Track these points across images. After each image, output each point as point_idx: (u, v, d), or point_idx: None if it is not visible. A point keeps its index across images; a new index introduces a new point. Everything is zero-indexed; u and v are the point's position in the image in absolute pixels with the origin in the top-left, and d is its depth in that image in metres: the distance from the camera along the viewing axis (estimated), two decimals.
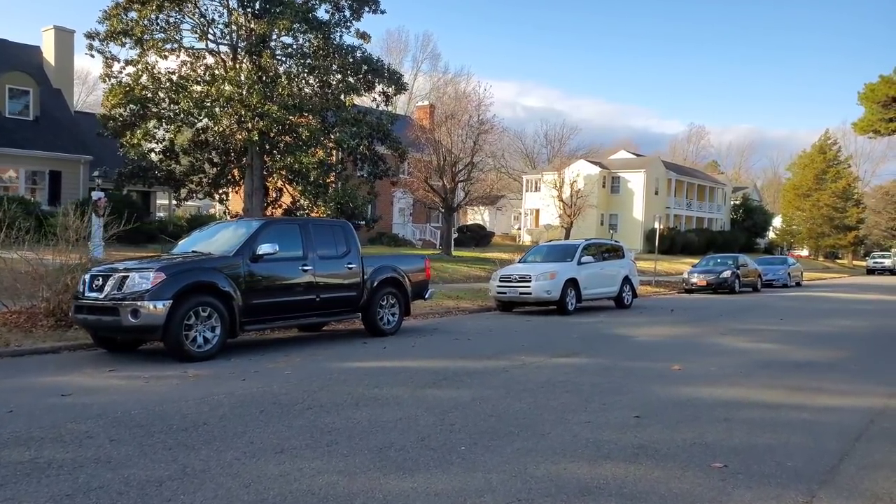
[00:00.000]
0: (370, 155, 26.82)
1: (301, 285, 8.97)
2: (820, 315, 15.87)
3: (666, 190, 55.80)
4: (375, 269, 10.17)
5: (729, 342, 10.54)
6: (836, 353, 9.68)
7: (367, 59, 25.07)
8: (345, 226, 10.12)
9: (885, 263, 53.38)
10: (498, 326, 12.20)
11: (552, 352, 8.97)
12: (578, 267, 15.35)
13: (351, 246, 9.84)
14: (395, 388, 6.40)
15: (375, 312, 10.05)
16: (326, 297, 9.30)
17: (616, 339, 10.52)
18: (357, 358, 8.18)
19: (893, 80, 30.31)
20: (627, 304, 16.71)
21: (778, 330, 12.47)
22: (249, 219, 9.11)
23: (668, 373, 7.71)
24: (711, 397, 6.49)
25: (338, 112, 24.13)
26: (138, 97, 22.71)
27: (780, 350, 9.82)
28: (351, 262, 9.73)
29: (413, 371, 7.28)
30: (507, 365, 7.83)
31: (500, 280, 15.26)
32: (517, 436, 4.95)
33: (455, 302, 16.13)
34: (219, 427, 4.92)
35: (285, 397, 5.89)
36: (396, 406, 5.68)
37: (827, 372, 8.11)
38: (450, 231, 33.76)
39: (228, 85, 22.91)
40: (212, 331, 7.83)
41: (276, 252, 8.39)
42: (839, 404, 6.42)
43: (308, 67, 23.99)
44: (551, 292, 14.53)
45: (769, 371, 8.01)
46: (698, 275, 24.78)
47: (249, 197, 26.08)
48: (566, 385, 6.79)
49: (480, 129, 32.38)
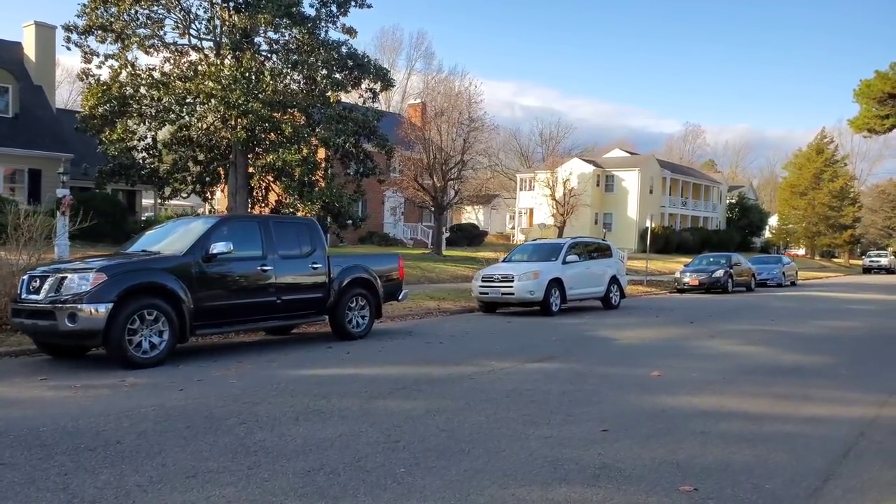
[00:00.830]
0: (357, 153, 26.30)
1: (260, 286, 8.46)
2: (813, 315, 15.40)
3: (661, 189, 55.33)
4: (343, 270, 9.66)
5: (715, 345, 10.06)
6: (826, 357, 9.20)
7: (352, 54, 24.56)
8: (310, 224, 9.61)
9: (881, 262, 52.99)
10: (476, 328, 11.70)
11: (526, 356, 8.48)
12: (563, 266, 14.85)
13: (316, 245, 9.33)
14: (345, 398, 5.90)
15: (343, 315, 9.54)
16: (288, 299, 8.79)
17: (597, 342, 10.03)
18: (315, 364, 7.67)
19: (889, 76, 29.88)
20: (615, 304, 16.22)
21: (768, 331, 12.00)
22: (206, 216, 8.56)
23: (646, 380, 7.22)
24: (689, 407, 6.00)
25: (323, 109, 23.60)
26: (116, 94, 22.16)
27: (768, 354, 9.34)
28: (316, 262, 9.22)
29: (370, 379, 6.77)
30: (474, 371, 7.34)
31: (483, 280, 14.76)
32: (467, 454, 4.45)
33: (437, 302, 15.63)
34: (133, 446, 4.42)
35: (220, 410, 5.38)
36: (340, 420, 5.18)
37: (815, 378, 7.63)
38: (440, 230, 33.26)
39: (210, 81, 22.38)
40: (159, 335, 7.32)
41: (230, 251, 7.87)
42: (827, 415, 5.94)
43: (292, 63, 23.45)
44: (534, 293, 14.03)
45: (754, 377, 7.52)
46: (690, 274, 24.31)
47: (233, 195, 25.57)
48: (533, 394, 6.29)
49: (471, 127, 31.90)
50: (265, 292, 8.50)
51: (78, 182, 28.21)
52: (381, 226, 42.58)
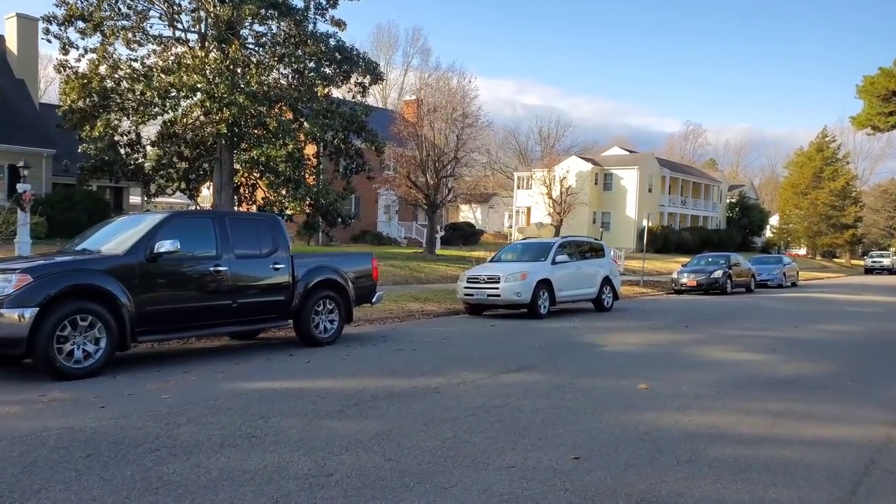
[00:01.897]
0: (346, 149, 25.61)
1: (213, 289, 7.77)
2: (813, 319, 14.71)
3: (660, 187, 54.61)
4: (310, 270, 8.97)
5: (710, 352, 9.37)
6: (829, 366, 8.52)
7: (340, 47, 23.86)
8: (272, 221, 8.91)
9: (883, 262, 52.26)
10: (457, 333, 11.01)
11: (503, 366, 7.79)
12: (552, 267, 14.16)
13: (279, 243, 8.63)
14: (286, 418, 5.22)
15: (309, 319, 8.85)
16: (246, 303, 8.10)
17: (583, 349, 9.34)
18: (268, 375, 6.98)
19: (893, 73, 29.21)
20: (608, 306, 15.53)
21: (766, 336, 11.31)
22: (156, 212, 7.88)
23: (632, 393, 6.54)
24: (677, 428, 5.32)
25: (309, 103, 22.89)
26: (96, 88, 21.46)
27: (766, 362, 8.65)
28: (278, 262, 8.53)
29: (322, 394, 6.08)
30: (442, 384, 6.65)
31: (468, 281, 14.07)
32: (410, 491, 3.78)
33: (421, 304, 14.94)
34: (10, 482, 3.74)
35: (137, 433, 4.70)
36: (272, 446, 4.50)
37: (818, 391, 6.95)
38: (433, 229, 32.54)
39: (194, 74, 21.69)
40: (94, 343, 6.64)
41: (177, 250, 7.18)
42: (831, 437, 5.25)
43: (278, 55, 22.74)
44: (521, 294, 13.34)
45: (750, 390, 6.84)
46: (688, 275, 23.61)
47: (218, 192, 24.87)
48: (502, 411, 5.61)
49: (464, 123, 31.19)
50: (219, 295, 7.81)
51: (60, 178, 27.59)
52: (375, 224, 41.89)
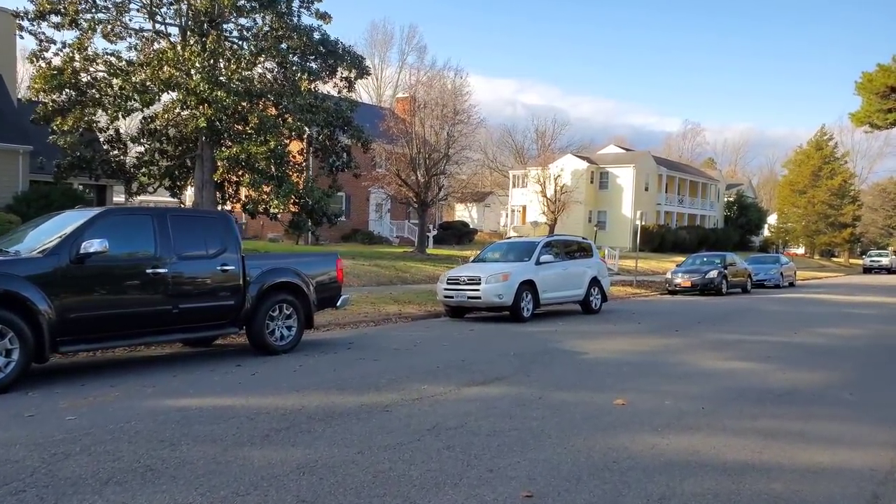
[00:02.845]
0: (331, 145, 24.89)
1: (150, 293, 7.05)
2: (811, 321, 14.03)
3: (656, 186, 53.93)
4: (264, 272, 8.27)
5: (699, 360, 8.69)
6: (827, 376, 7.84)
7: (325, 40, 23.13)
8: (221, 219, 8.19)
9: (882, 262, 51.62)
10: (430, 339, 10.31)
11: (469, 377, 7.10)
12: (537, 267, 13.46)
13: (228, 243, 7.92)
14: (201, 445, 4.52)
15: (263, 325, 8.15)
16: (189, 308, 7.40)
17: (561, 357, 8.65)
18: (201, 391, 6.27)
19: (892, 69, 28.48)
20: (596, 308, 14.84)
21: (761, 342, 10.63)
22: (89, 209, 7.18)
23: (607, 410, 5.85)
24: (652, 454, 4.64)
25: (293, 98, 22.17)
26: (69, 81, 20.73)
27: (759, 372, 7.96)
28: (227, 264, 7.82)
29: (254, 414, 5.38)
30: (395, 400, 5.95)
31: (448, 282, 13.36)
32: None
33: (400, 307, 14.24)
34: None
35: (10, 468, 3.99)
36: (168, 484, 3.80)
37: (814, 405, 6.26)
38: (423, 228, 31.85)
39: (170, 67, 20.98)
40: (6, 355, 5.95)
41: (105, 250, 6.48)
42: (829, 464, 4.57)
43: (258, 48, 22.00)
44: (503, 296, 12.65)
45: (740, 405, 6.15)
46: (682, 275, 22.91)
47: (200, 190, 24.16)
48: (455, 435, 4.92)
49: (455, 120, 30.49)
50: (157, 300, 7.10)
51: (39, 176, 26.84)
52: (366, 223, 41.20)
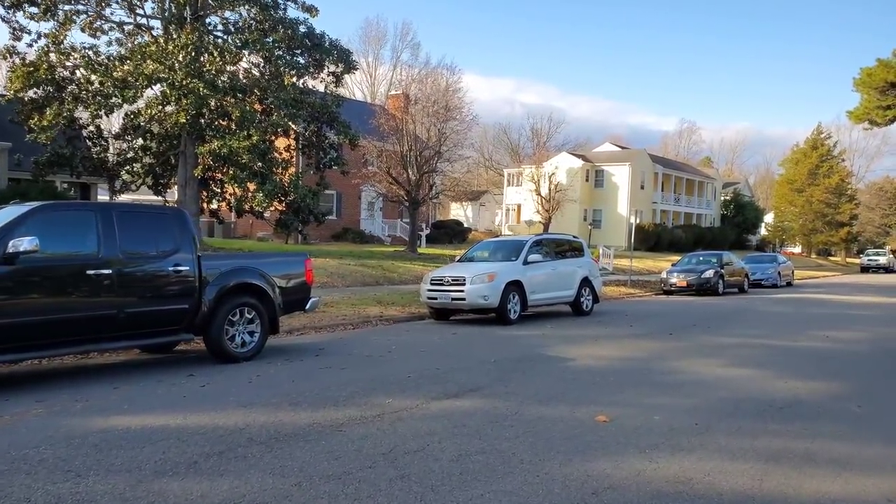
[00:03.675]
0: (317, 141, 24.26)
1: (91, 296, 6.42)
2: (811, 323, 13.45)
3: (652, 184, 53.38)
4: (224, 274, 7.64)
5: (693, 368, 8.09)
6: (831, 385, 7.26)
7: (310, 33, 22.50)
8: (175, 215, 7.53)
9: (879, 261, 51.11)
10: (407, 344, 9.69)
11: (441, 389, 6.48)
12: (524, 267, 12.85)
13: (183, 242, 7.29)
14: (112, 475, 3.89)
15: (221, 331, 7.51)
16: (136, 312, 6.77)
17: (544, 365, 8.04)
18: (138, 407, 5.62)
19: (892, 64, 27.95)
20: (587, 310, 14.23)
21: (759, 346, 10.04)
22: (24, 204, 6.54)
23: (590, 427, 5.25)
24: (637, 482, 4.04)
25: (277, 92, 21.53)
26: (45, 77, 20.06)
27: (758, 380, 7.37)
28: (180, 264, 7.19)
29: (187, 435, 4.75)
30: (353, 418, 5.34)
31: (431, 283, 12.74)
32: None
33: (382, 308, 13.61)
34: None
35: None
36: None
37: (819, 420, 5.67)
38: (414, 226, 31.24)
39: (151, 62, 20.33)
40: None
41: (36, 249, 5.85)
42: (839, 493, 3.97)
43: (242, 41, 21.35)
44: (488, 298, 12.03)
45: (737, 421, 5.56)
46: (678, 274, 22.33)
47: (183, 188, 23.50)
48: (413, 461, 4.30)
49: (446, 116, 29.86)
50: (100, 304, 6.47)
51: (19, 174, 26.17)
52: (358, 222, 40.55)
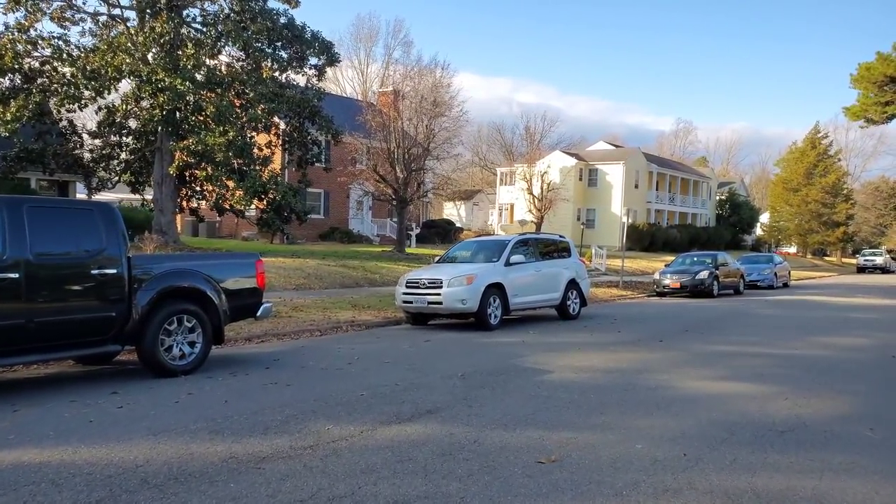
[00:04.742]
0: (299, 137, 23.42)
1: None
2: (810, 328, 12.69)
3: (647, 183, 52.65)
4: (159, 277, 6.80)
5: (682, 382, 7.30)
6: (837, 401, 6.48)
7: (290, 24, 21.64)
8: (101, 210, 6.66)
9: (876, 261, 50.49)
10: (372, 353, 8.87)
11: (396, 410, 5.67)
12: (506, 269, 12.04)
13: (109, 241, 6.45)
14: None
15: (156, 341, 6.68)
16: (50, 322, 5.94)
17: (519, 378, 7.23)
18: (25, 436, 4.71)
19: (892, 58, 27.27)
20: (574, 314, 13.43)
21: (755, 354, 9.26)
22: None
23: (541, 469, 4.44)
24: None
25: (255, 86, 20.68)
26: (9, 65, 19.16)
27: (756, 397, 6.58)
28: (105, 266, 6.36)
29: (67, 475, 3.92)
30: (281, 449, 4.52)
31: (407, 285, 11.92)
32: None
33: (356, 313, 12.78)
34: None
35: None
36: None
37: (828, 448, 4.88)
38: (402, 226, 30.41)
39: (123, 53, 19.47)
40: None
41: None
42: None
43: (219, 32, 20.49)
44: (467, 302, 11.22)
45: (733, 450, 4.77)
46: (671, 275, 21.55)
47: (159, 186, 22.64)
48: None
49: (434, 113, 29.03)
50: (5, 312, 5.64)
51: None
52: (346, 221, 39.67)
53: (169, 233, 22.16)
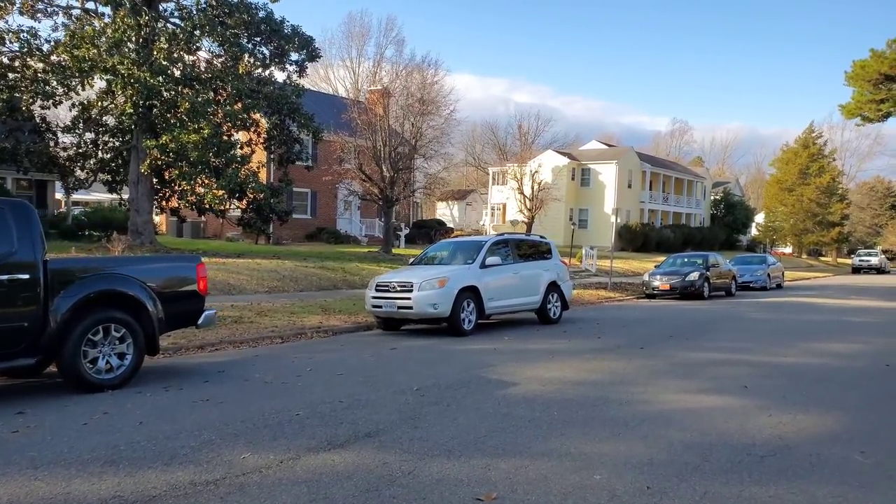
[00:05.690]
0: (278, 135, 22.79)
1: None
2: (802, 333, 12.12)
3: (640, 183, 52.12)
4: (83, 282, 6.18)
5: (659, 395, 6.70)
6: (826, 418, 5.89)
7: (269, 19, 21.01)
8: (13, 208, 5.96)
9: (871, 261, 50.02)
10: (327, 364, 8.24)
11: (331, 431, 5.05)
12: (482, 271, 11.43)
13: (21, 242, 5.82)
14: None
15: (77, 353, 6.05)
16: None
17: (479, 392, 6.62)
18: None
19: (886, 55, 26.76)
20: (554, 318, 12.82)
21: (740, 363, 8.67)
22: None
23: (504, 498, 3.84)
24: None
25: (232, 82, 20.05)
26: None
27: (736, 412, 5.99)
28: (14, 271, 5.74)
29: None
30: (181, 484, 3.90)
31: (377, 289, 11.30)
32: None
33: (324, 317, 12.16)
34: None
35: None
36: None
37: (812, 476, 4.29)
38: (389, 226, 29.78)
39: (89, 46, 18.83)
40: None
41: None
42: None
43: (193, 25, 19.85)
44: (438, 306, 10.60)
45: (704, 480, 4.16)
46: (661, 277, 20.97)
47: (135, 185, 22.01)
48: None
49: (422, 110, 28.43)
50: None
51: None
52: (334, 221, 39.00)
53: (145, 233, 21.53)
